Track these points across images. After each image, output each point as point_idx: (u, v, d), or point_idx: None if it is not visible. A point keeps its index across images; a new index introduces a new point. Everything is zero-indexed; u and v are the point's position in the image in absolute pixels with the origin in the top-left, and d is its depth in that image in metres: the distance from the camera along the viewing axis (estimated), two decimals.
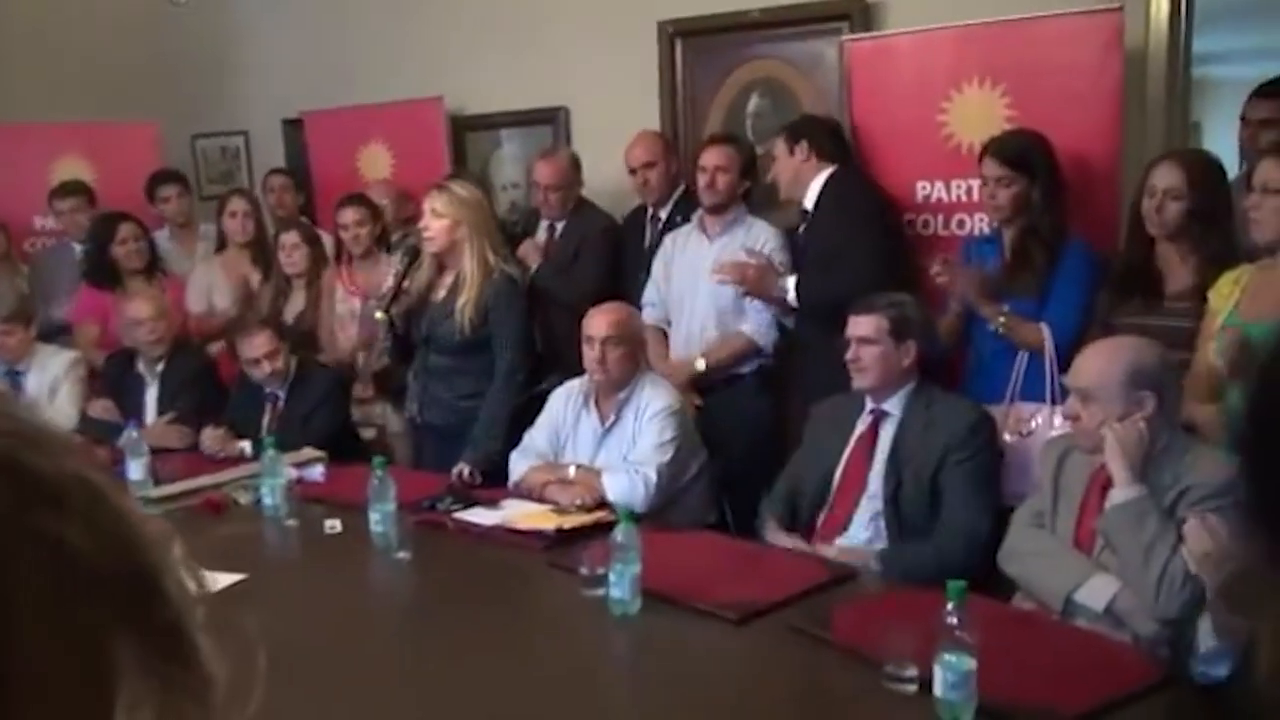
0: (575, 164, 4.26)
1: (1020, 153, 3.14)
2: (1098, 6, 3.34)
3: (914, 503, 2.74)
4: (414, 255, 3.58)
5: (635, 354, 3.18)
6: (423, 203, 3.59)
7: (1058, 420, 2.95)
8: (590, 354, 3.16)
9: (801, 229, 3.60)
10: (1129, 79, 3.37)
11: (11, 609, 0.36)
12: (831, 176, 3.53)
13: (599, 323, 3.17)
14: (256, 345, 3.80)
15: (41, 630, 0.37)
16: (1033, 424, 3.03)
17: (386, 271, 3.68)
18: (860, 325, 2.84)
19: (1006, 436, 3.01)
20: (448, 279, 3.60)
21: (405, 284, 3.62)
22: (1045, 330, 3.03)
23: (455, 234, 3.52)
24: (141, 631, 0.39)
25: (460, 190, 3.57)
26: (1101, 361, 2.37)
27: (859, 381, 2.85)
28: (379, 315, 3.58)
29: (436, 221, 3.53)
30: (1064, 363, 2.93)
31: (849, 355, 2.84)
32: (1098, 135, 3.32)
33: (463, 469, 3.42)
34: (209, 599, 0.43)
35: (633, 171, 4.08)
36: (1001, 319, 3.09)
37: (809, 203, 3.55)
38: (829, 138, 3.59)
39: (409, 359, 3.76)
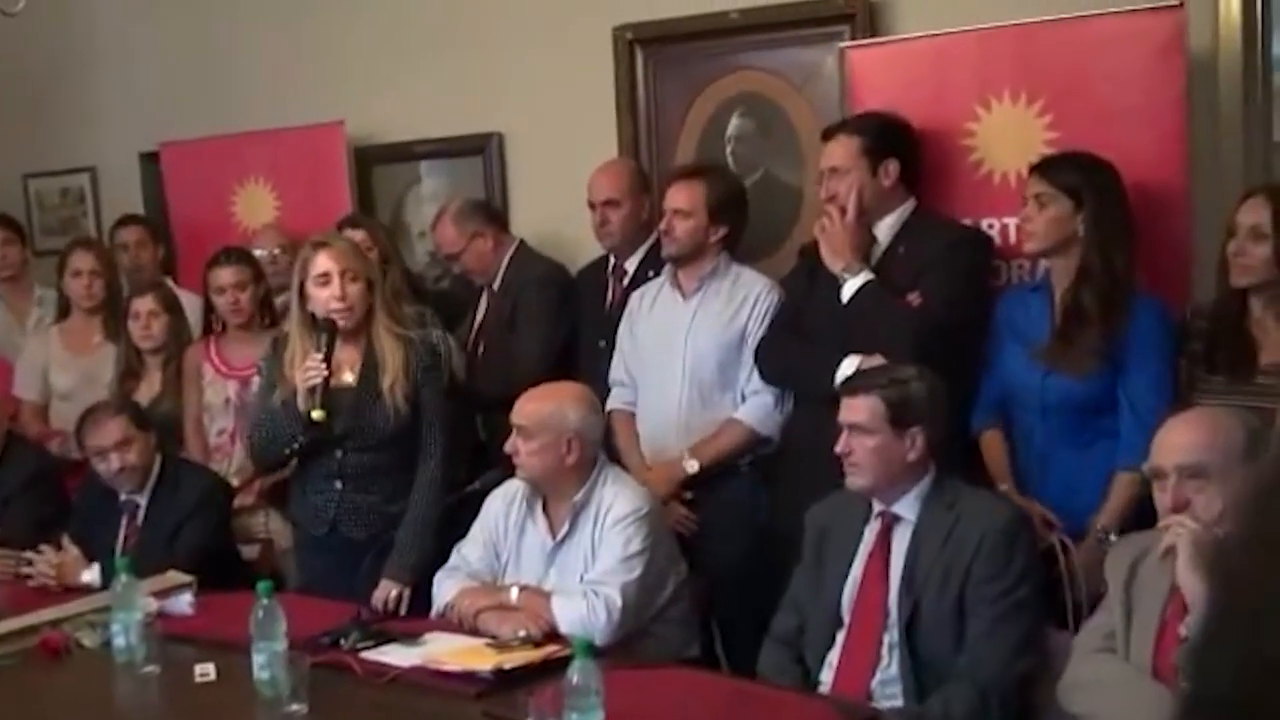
0: (473, 211, 4.43)
1: (1069, 171, 3.21)
2: (1154, 3, 3.43)
3: (934, 635, 2.71)
4: (332, 332, 3.55)
5: (559, 448, 3.16)
6: (313, 264, 3.55)
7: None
8: (510, 444, 3.23)
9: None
10: (1195, 90, 3.45)
11: None
12: (914, 214, 3.52)
13: (517, 407, 3.26)
14: (107, 433, 3.78)
15: None
16: (1111, 537, 3.02)
17: (305, 358, 3.57)
18: (853, 409, 2.83)
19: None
20: (349, 356, 3.61)
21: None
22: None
23: (370, 299, 3.58)
24: None
25: (350, 243, 3.74)
26: (1207, 429, 2.41)
27: (853, 480, 2.85)
28: (316, 415, 3.51)
29: (353, 286, 3.55)
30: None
31: (839, 447, 2.83)
32: (1158, 159, 3.38)
33: (391, 592, 3.46)
34: None
35: (592, 207, 4.15)
36: (1104, 534, 2.98)
37: (882, 238, 3.50)
38: (915, 158, 3.54)
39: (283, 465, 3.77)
